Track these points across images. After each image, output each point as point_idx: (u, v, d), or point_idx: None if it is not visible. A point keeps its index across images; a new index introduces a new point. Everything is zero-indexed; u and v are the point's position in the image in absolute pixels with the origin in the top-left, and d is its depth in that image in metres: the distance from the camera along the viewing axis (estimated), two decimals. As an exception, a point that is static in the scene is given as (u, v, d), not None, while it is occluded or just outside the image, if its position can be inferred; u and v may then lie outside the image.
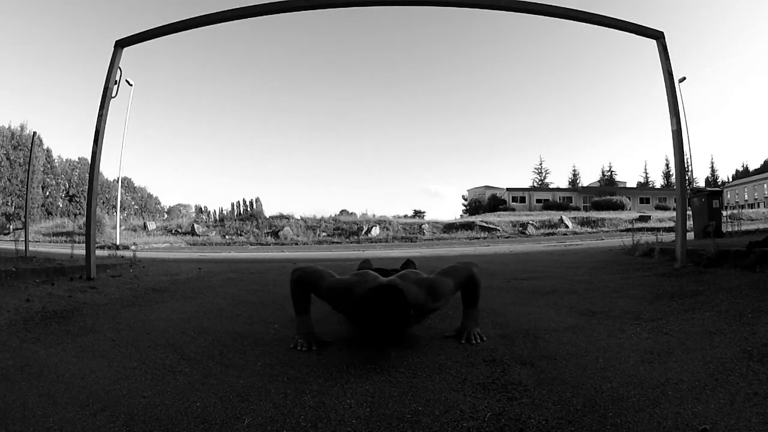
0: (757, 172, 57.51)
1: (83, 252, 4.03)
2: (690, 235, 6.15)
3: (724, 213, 8.97)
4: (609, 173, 59.26)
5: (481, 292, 1.92)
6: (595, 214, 26.23)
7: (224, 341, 1.86)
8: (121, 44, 3.83)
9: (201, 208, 55.01)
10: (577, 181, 55.20)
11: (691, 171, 19.45)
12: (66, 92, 66.39)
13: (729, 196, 49.55)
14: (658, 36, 3.74)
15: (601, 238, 14.81)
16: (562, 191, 44.40)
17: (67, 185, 38.23)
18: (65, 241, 16.02)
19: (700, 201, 8.15)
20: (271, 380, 1.38)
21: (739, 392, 1.15)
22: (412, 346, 1.73)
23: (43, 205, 33.94)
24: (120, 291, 3.24)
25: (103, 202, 34.66)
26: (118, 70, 3.83)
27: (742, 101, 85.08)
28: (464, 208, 46.14)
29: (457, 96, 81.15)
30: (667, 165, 57.76)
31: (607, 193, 40.33)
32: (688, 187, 9.20)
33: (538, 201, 40.55)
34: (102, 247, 10.70)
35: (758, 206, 38.89)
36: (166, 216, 43.81)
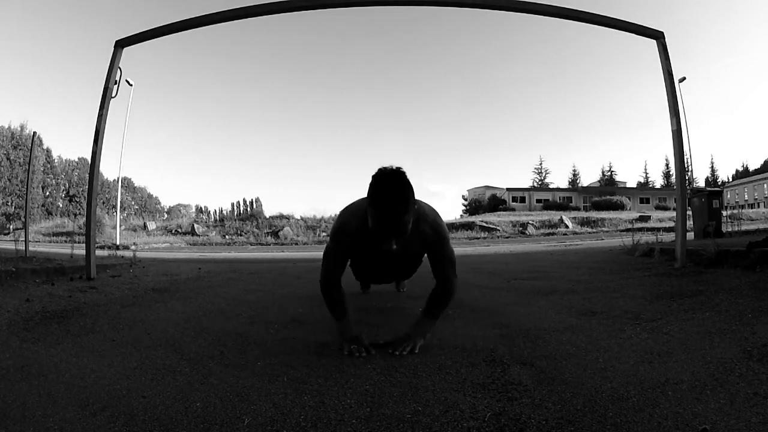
0: (757, 172, 57.51)
1: (83, 252, 4.03)
2: (690, 235, 6.15)
3: (724, 213, 8.96)
4: (609, 173, 59.29)
5: (448, 306, 1.83)
6: (595, 214, 26.22)
7: (224, 341, 1.86)
8: (121, 44, 3.83)
9: (201, 208, 55.15)
10: (577, 181, 55.21)
11: (691, 171, 19.45)
12: (66, 92, 66.62)
13: (729, 196, 49.54)
14: (658, 36, 3.74)
15: (601, 238, 14.80)
16: (562, 191, 44.37)
17: (67, 185, 38.25)
18: (65, 241, 16.01)
19: (700, 201, 8.15)
20: (271, 380, 1.38)
21: (739, 392, 1.15)
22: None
23: (43, 205, 33.95)
24: (120, 291, 3.24)
25: (103, 202, 34.67)
26: (118, 70, 3.83)
27: (742, 101, 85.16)
28: (464, 208, 46.13)
29: (457, 96, 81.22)
30: (667, 165, 57.81)
31: (607, 193, 40.31)
32: (688, 187, 9.20)
33: (538, 201, 40.53)
34: (102, 247, 10.70)
35: (758, 206, 38.90)
36: (166, 216, 43.84)
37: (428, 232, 1.76)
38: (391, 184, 1.51)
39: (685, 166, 4.32)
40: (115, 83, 3.82)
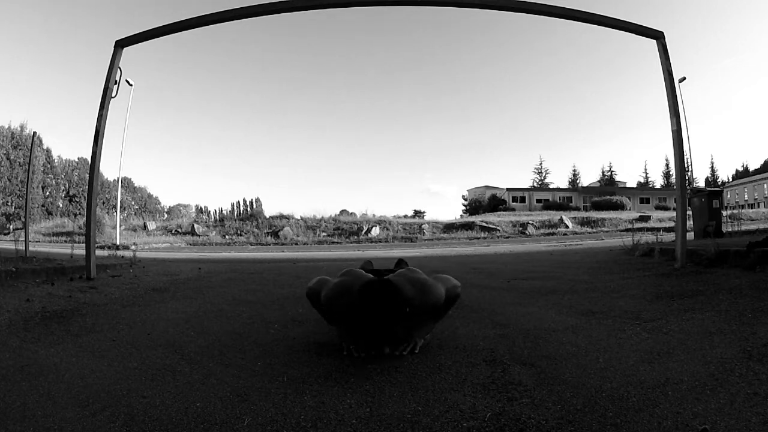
0: (757, 172, 57.55)
1: (83, 252, 4.03)
2: (690, 235, 6.15)
3: (724, 213, 8.97)
4: (609, 173, 59.34)
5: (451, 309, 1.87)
6: (595, 214, 26.24)
7: (224, 341, 1.86)
8: (121, 44, 3.84)
9: (201, 208, 55.15)
10: (577, 181, 55.25)
11: (691, 171, 19.46)
12: (66, 92, 66.54)
13: (729, 196, 49.59)
14: (658, 36, 3.75)
15: (601, 238, 14.81)
16: (562, 191, 44.41)
17: (67, 185, 38.27)
18: (65, 241, 16.02)
19: (700, 201, 8.16)
20: (271, 380, 1.38)
21: (739, 392, 1.15)
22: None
23: (43, 205, 33.97)
24: (120, 291, 3.24)
25: (103, 202, 34.68)
26: (118, 70, 3.83)
27: (742, 101, 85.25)
28: (464, 208, 46.18)
29: (457, 96, 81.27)
30: (667, 165, 57.85)
31: (607, 193, 40.35)
32: (688, 187, 9.21)
33: (538, 201, 40.57)
34: (102, 247, 10.71)
35: (758, 206, 38.94)
36: (166, 216, 43.88)
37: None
38: (380, 301, 1.43)
39: (685, 166, 4.32)
40: (115, 83, 3.83)
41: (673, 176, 35.34)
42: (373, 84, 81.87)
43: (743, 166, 67.25)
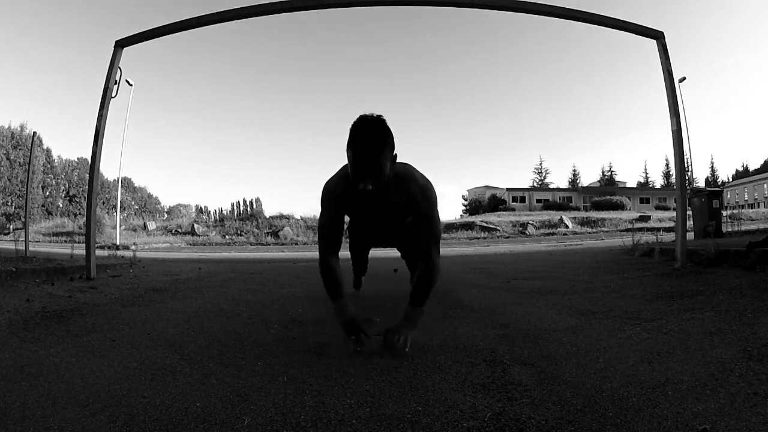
0: (757, 172, 57.59)
1: (83, 252, 4.03)
2: (690, 235, 6.15)
3: (724, 213, 8.98)
4: (609, 173, 59.39)
5: (433, 289, 1.79)
6: (595, 214, 26.26)
7: (224, 341, 1.86)
8: (121, 44, 3.83)
9: (201, 208, 55.20)
10: (577, 181, 55.30)
11: (691, 171, 19.46)
12: (66, 92, 66.63)
13: (729, 196, 49.62)
14: (658, 36, 3.74)
15: (601, 238, 14.80)
16: (562, 191, 44.42)
17: (67, 185, 38.30)
18: (65, 241, 16.02)
19: (700, 201, 8.16)
20: (271, 380, 1.38)
21: (739, 392, 1.15)
22: (412, 345, 1.73)
23: (43, 205, 34.01)
24: (120, 291, 3.24)
25: (103, 202, 34.69)
26: (118, 70, 3.83)
27: (743, 101, 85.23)
28: (464, 208, 46.22)
29: (457, 97, 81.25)
30: (667, 165, 57.92)
31: (607, 193, 40.36)
32: (688, 187, 9.20)
33: (538, 201, 40.58)
34: (102, 247, 10.72)
35: (758, 206, 38.96)
36: (166, 216, 43.91)
37: (415, 189, 1.81)
38: (368, 126, 1.59)
39: (685, 166, 4.32)
40: (115, 83, 3.82)
41: (673, 176, 35.34)
42: (373, 84, 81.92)
43: (743, 166, 67.37)
